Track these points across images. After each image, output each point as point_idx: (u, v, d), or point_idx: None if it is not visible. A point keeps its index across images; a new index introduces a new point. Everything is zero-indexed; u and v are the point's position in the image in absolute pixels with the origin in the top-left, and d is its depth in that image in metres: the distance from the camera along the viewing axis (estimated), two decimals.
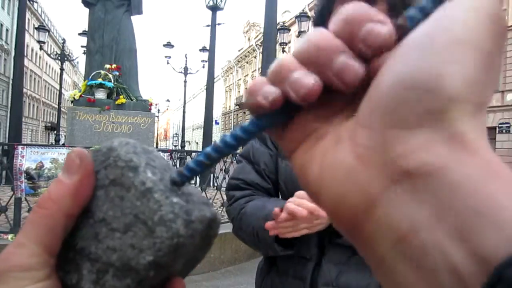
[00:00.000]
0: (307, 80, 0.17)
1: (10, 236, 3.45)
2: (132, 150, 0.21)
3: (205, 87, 10.05)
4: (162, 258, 0.20)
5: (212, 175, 5.11)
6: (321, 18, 0.94)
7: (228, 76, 46.40)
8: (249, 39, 39.70)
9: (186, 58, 18.12)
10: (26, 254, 0.19)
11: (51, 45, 34.20)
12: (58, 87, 23.67)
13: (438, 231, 0.12)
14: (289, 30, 13.13)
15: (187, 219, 0.20)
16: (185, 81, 18.80)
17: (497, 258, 0.11)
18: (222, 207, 4.54)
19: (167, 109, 66.68)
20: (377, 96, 0.15)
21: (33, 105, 36.63)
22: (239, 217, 0.92)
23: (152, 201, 0.20)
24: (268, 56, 6.68)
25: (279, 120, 0.19)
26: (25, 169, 3.46)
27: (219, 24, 9.78)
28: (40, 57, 36.38)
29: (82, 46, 14.04)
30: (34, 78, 36.22)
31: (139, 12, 6.46)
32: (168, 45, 16.38)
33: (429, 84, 0.13)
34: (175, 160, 5.33)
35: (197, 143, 50.04)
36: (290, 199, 0.77)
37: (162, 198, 0.20)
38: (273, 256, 0.95)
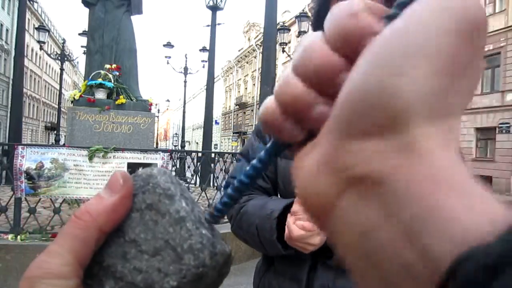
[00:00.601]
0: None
1: (10, 236, 3.45)
2: (170, 180, 0.23)
3: (205, 87, 10.05)
4: (185, 285, 0.20)
5: (212, 175, 5.11)
6: (319, 20, 0.95)
7: (228, 76, 46.38)
8: (249, 39, 39.68)
9: (186, 58, 18.13)
10: (60, 263, 0.19)
11: (51, 45, 34.21)
12: (58, 87, 23.70)
13: (390, 232, 0.13)
14: (289, 30, 13.12)
15: (213, 251, 0.21)
16: (185, 81, 18.80)
17: (445, 260, 0.11)
18: None
19: (167, 109, 66.67)
20: (336, 106, 0.15)
21: (33, 105, 36.62)
22: (239, 216, 0.91)
23: (184, 229, 0.21)
24: (268, 56, 6.68)
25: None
26: (25, 169, 3.46)
27: (219, 24, 9.79)
28: (40, 57, 36.37)
29: (82, 46, 14.06)
30: (34, 78, 36.21)
31: (139, 12, 6.46)
32: (168, 45, 16.38)
33: (373, 99, 0.13)
34: (175, 160, 5.32)
35: (197, 143, 50.01)
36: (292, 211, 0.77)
37: (193, 228, 0.21)
38: (271, 256, 0.94)
